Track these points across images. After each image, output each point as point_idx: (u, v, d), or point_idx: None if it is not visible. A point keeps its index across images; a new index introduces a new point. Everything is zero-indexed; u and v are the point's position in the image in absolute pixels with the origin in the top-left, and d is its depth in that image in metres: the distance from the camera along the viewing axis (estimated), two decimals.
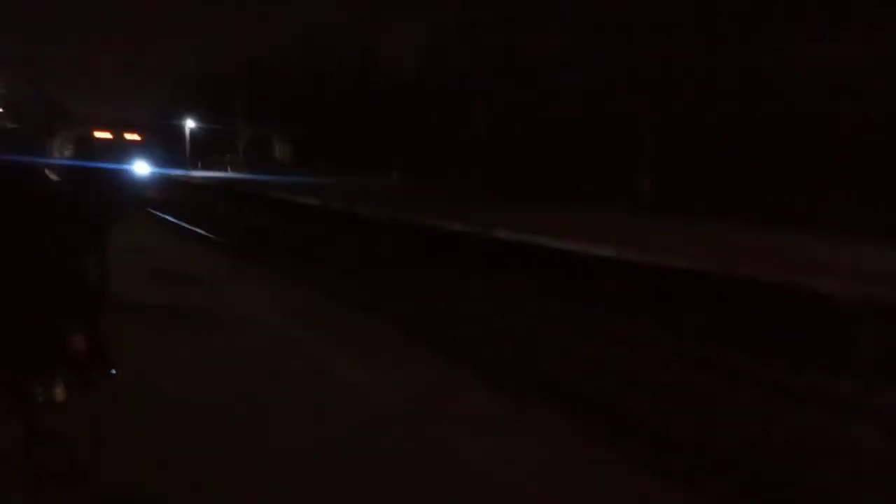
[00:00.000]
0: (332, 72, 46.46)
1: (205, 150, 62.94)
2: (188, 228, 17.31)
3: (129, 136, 35.01)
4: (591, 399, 5.99)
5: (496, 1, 31.22)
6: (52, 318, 3.23)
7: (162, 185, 33.18)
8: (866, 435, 5.48)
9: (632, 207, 20.70)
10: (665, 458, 4.69)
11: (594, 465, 4.24)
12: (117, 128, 34.68)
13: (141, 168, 32.62)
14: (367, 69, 45.48)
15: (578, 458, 4.31)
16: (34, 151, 3.42)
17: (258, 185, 31.84)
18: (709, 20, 21.16)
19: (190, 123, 61.12)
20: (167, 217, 19.88)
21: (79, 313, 3.34)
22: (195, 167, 56.76)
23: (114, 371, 3.55)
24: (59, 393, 3.23)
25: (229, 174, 49.45)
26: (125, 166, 30.09)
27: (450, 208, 17.96)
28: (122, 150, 31.78)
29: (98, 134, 32.42)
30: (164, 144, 49.49)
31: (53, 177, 7.35)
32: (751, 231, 14.70)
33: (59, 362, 3.25)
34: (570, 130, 26.30)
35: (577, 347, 7.74)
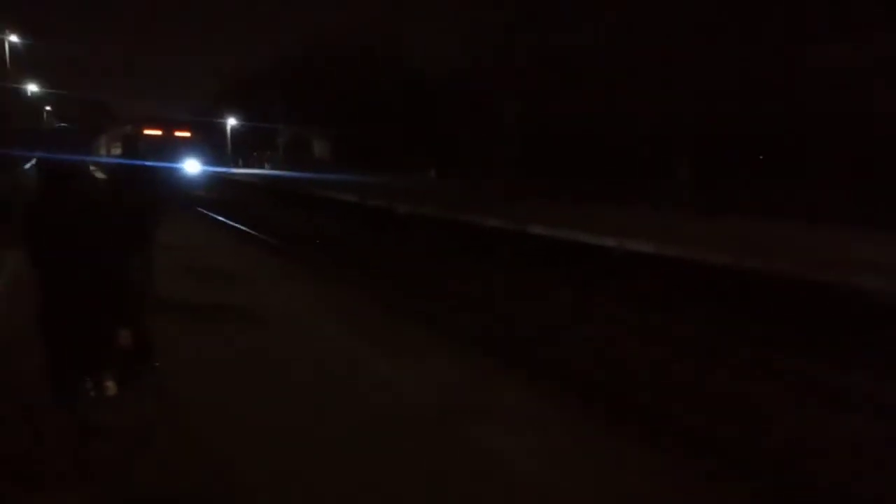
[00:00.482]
0: (368, 71, 46.68)
1: (246, 148, 63.97)
2: (231, 224, 17.53)
3: (179, 133, 33.08)
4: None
5: (529, 1, 31.01)
6: (100, 315, 3.30)
7: (209, 183, 33.34)
8: None
9: (672, 203, 20.42)
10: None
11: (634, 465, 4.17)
12: (167, 124, 33.29)
13: (191, 166, 32.27)
14: (402, 68, 45.60)
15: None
16: (82, 150, 3.46)
17: (296, 183, 32.03)
18: (747, 18, 20.73)
19: (231, 122, 62.15)
20: (210, 213, 20.14)
21: (125, 309, 3.40)
22: (236, 165, 57.69)
23: (157, 365, 3.61)
24: (111, 387, 3.31)
25: (269, 172, 50.11)
26: (175, 164, 29.92)
27: (488, 205, 17.87)
28: (172, 148, 30.35)
29: (148, 131, 31.34)
30: (207, 143, 50.03)
31: (101, 175, 7.57)
32: (793, 228, 14.34)
33: (108, 358, 3.33)
34: (606, 127, 26.03)
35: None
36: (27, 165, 26.22)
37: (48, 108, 73.17)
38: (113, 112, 73.23)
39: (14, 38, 47.51)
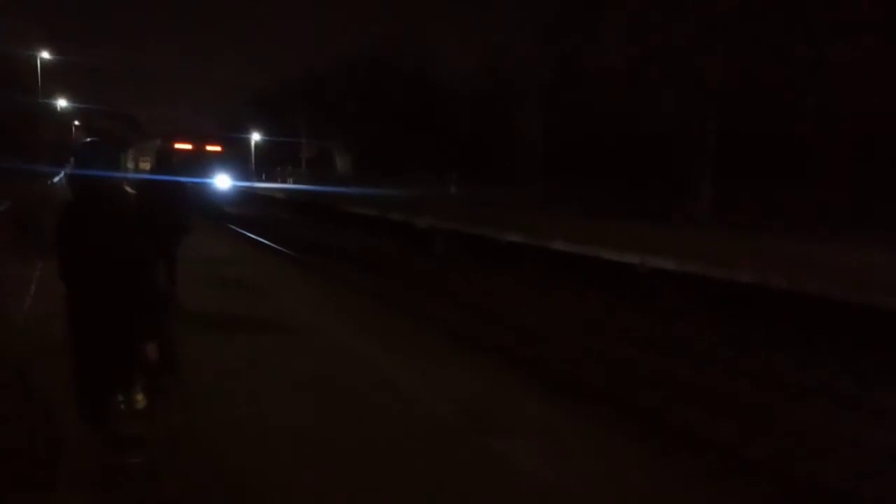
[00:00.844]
0: (390, 85, 47.05)
1: (269, 162, 64.70)
2: (257, 239, 17.68)
3: (210, 148, 32.27)
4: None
5: (548, 14, 31.12)
6: (128, 329, 3.36)
7: (238, 198, 32.72)
8: None
9: (694, 218, 20.33)
10: None
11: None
12: (198, 138, 32.50)
13: (222, 181, 31.47)
14: (424, 82, 45.90)
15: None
16: (110, 165, 3.52)
17: (318, 197, 32.19)
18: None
19: (255, 136, 62.92)
20: (238, 229, 20.32)
21: (152, 323, 3.45)
22: (260, 179, 58.31)
23: (184, 378, 3.68)
24: (140, 400, 3.40)
25: (291, 186, 50.55)
26: (207, 179, 29.63)
27: (507, 219, 17.89)
28: (203, 162, 29.69)
29: (179, 145, 30.32)
30: (236, 157, 50.38)
31: (130, 191, 7.72)
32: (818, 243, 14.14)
33: (136, 371, 3.40)
34: (629, 140, 26.01)
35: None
36: (55, 179, 26.67)
37: (77, 122, 74.56)
38: (142, 125, 74.47)
39: (45, 55, 48.66)
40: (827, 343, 8.11)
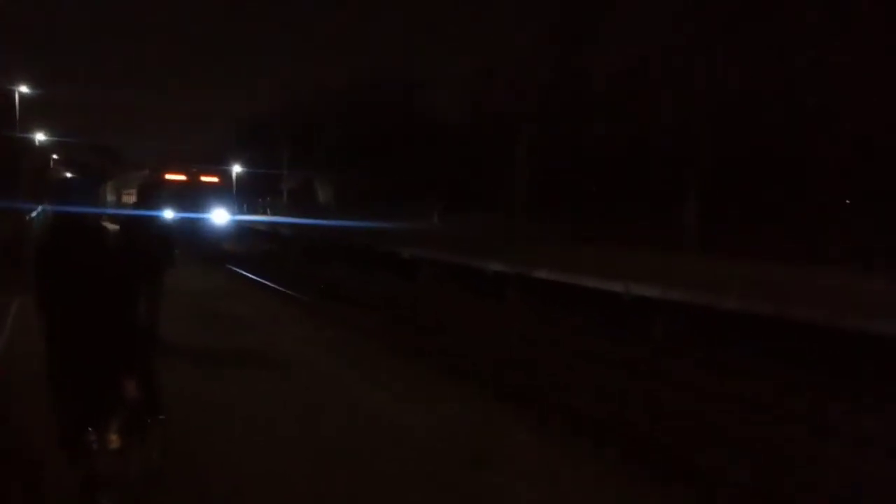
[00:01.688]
0: (374, 115, 47.18)
1: (249, 193, 64.44)
2: (249, 275, 17.30)
3: (205, 179, 29.34)
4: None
5: (536, 43, 31.53)
6: (106, 365, 3.22)
7: (236, 234, 29.91)
8: None
9: (680, 242, 20.44)
10: None
11: None
12: (193, 169, 29.51)
13: (219, 216, 28.68)
14: (408, 113, 46.09)
15: None
16: (89, 200, 3.42)
17: (298, 230, 31.49)
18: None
19: (236, 168, 62.74)
20: (234, 268, 19.22)
21: (131, 359, 3.33)
22: (241, 211, 57.97)
23: (163, 417, 3.56)
24: (114, 440, 3.23)
25: (271, 218, 50.33)
26: (201, 214, 27.17)
27: (492, 249, 17.87)
28: (197, 195, 26.92)
29: (171, 176, 27.78)
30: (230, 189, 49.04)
31: (112, 227, 7.56)
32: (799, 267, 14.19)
33: (113, 409, 3.24)
34: (614, 164, 26.26)
35: None
36: (34, 213, 26.13)
37: (55, 155, 73.99)
38: (120, 156, 74.06)
39: (24, 89, 48.38)
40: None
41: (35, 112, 54.06)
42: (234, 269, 18.24)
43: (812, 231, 18.19)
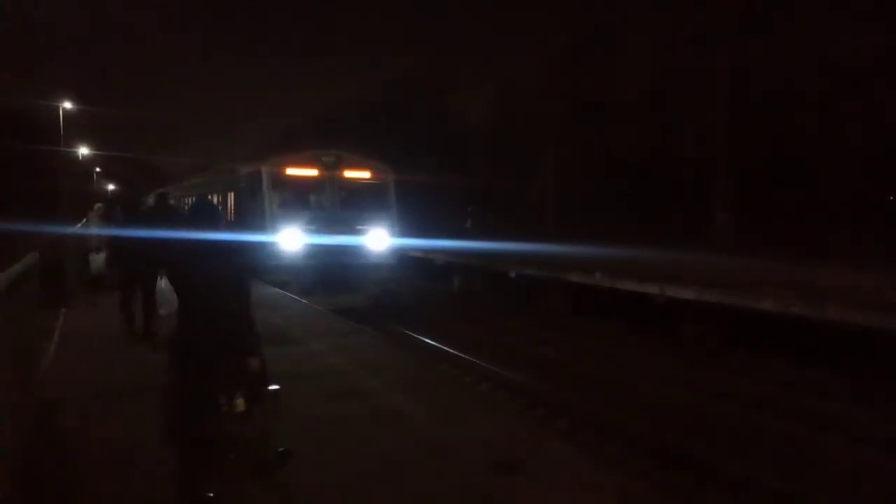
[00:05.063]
0: (406, 120, 47.56)
1: None
2: None
3: (352, 174, 16.87)
4: None
5: (562, 49, 31.84)
6: (233, 345, 3.99)
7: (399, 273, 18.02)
8: None
9: (711, 243, 20.60)
10: None
11: None
12: (328, 161, 16.71)
13: (377, 238, 16.24)
14: (441, 114, 46.30)
15: None
16: (215, 224, 4.23)
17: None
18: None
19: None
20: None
21: (253, 341, 4.08)
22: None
23: (277, 387, 4.18)
24: (240, 404, 3.93)
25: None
26: (352, 235, 15.70)
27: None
28: (339, 201, 16.34)
29: (293, 171, 16.10)
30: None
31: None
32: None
33: (239, 380, 3.97)
34: (643, 166, 26.43)
35: None
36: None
37: (98, 169, 76.07)
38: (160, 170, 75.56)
39: (68, 105, 49.88)
40: None
41: (78, 127, 55.50)
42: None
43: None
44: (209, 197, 20.69)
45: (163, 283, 4.70)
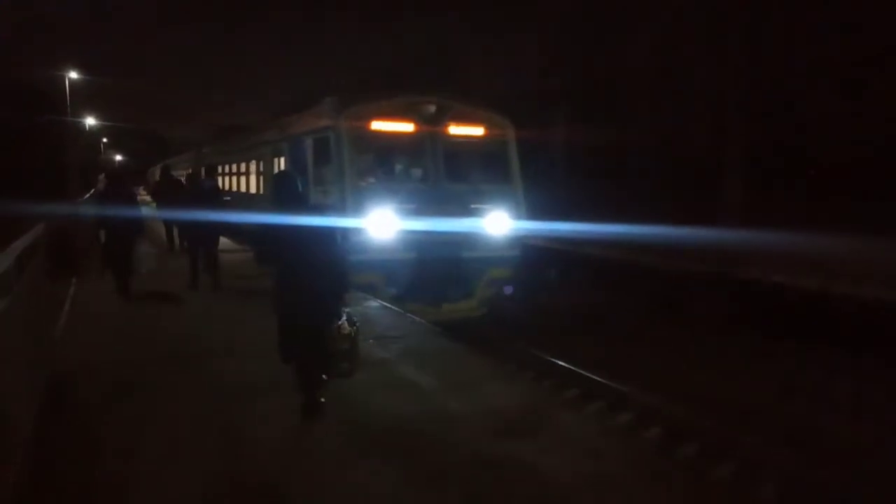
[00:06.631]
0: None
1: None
2: None
3: (459, 130, 12.34)
4: None
5: (576, 33, 31.82)
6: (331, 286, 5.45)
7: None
8: None
9: (725, 219, 20.65)
10: None
11: None
12: (425, 111, 12.10)
13: (496, 221, 12.40)
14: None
15: None
16: (297, 193, 5.52)
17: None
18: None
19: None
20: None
21: (346, 285, 5.67)
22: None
23: (357, 320, 5.67)
24: (346, 327, 5.48)
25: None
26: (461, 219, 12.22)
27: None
28: (442, 168, 12.06)
29: (380, 124, 11.88)
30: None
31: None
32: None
33: (341, 315, 5.50)
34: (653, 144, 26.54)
35: None
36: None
37: (105, 139, 76.11)
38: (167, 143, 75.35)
39: (74, 75, 49.55)
40: None
41: (85, 97, 55.29)
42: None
43: None
44: (245, 165, 17.36)
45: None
